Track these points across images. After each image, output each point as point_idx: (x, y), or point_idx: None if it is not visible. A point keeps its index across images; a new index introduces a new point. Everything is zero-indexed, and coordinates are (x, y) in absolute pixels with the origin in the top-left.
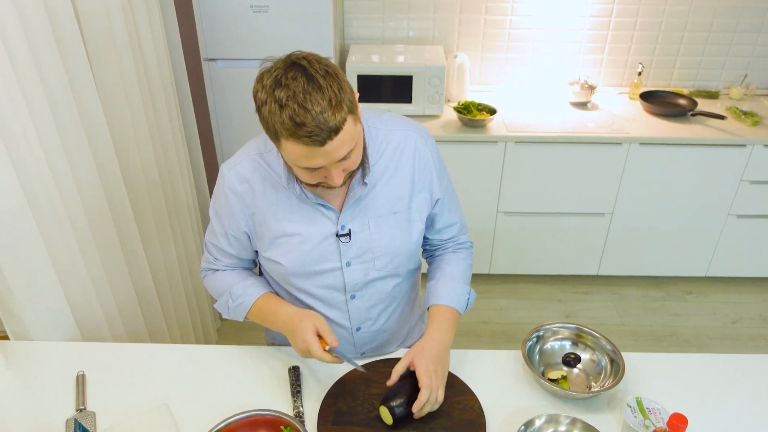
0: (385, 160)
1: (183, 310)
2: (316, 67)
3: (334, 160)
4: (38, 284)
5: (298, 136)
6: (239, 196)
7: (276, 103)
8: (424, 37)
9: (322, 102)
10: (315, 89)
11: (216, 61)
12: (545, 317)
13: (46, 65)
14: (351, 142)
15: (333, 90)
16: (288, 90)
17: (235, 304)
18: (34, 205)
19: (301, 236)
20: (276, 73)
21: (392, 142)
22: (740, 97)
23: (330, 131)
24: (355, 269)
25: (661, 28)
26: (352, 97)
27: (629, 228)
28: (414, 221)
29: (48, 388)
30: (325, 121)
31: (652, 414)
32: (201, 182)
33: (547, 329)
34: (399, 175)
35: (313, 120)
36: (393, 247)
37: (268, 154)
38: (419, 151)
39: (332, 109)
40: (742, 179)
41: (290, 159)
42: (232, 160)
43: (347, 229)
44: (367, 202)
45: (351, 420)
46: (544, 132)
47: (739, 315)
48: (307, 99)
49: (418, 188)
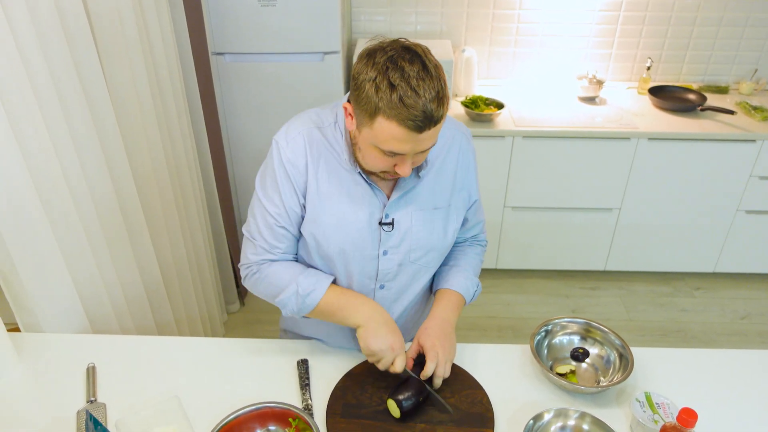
0: (432, 156)
1: (191, 304)
2: (430, 58)
3: (419, 149)
4: (49, 277)
5: (402, 117)
6: (297, 168)
7: (387, 81)
8: (431, 31)
9: (432, 92)
10: (428, 78)
11: (224, 55)
12: (552, 312)
13: (56, 60)
14: (438, 137)
15: (440, 82)
16: (403, 72)
17: (306, 292)
18: (45, 199)
19: (346, 218)
20: (391, 53)
21: (441, 139)
22: (750, 92)
23: (431, 121)
24: (391, 258)
25: (671, 23)
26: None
27: (637, 223)
28: (452, 219)
29: (59, 379)
30: (431, 110)
31: (661, 409)
32: (209, 176)
33: (555, 324)
34: (443, 172)
35: (422, 106)
36: (430, 242)
37: (325, 130)
38: (463, 152)
39: (438, 101)
40: (751, 175)
41: (378, 139)
42: (287, 132)
43: (391, 218)
44: (414, 194)
45: (359, 413)
46: (552, 127)
47: (748, 311)
48: (420, 85)
49: (459, 187)
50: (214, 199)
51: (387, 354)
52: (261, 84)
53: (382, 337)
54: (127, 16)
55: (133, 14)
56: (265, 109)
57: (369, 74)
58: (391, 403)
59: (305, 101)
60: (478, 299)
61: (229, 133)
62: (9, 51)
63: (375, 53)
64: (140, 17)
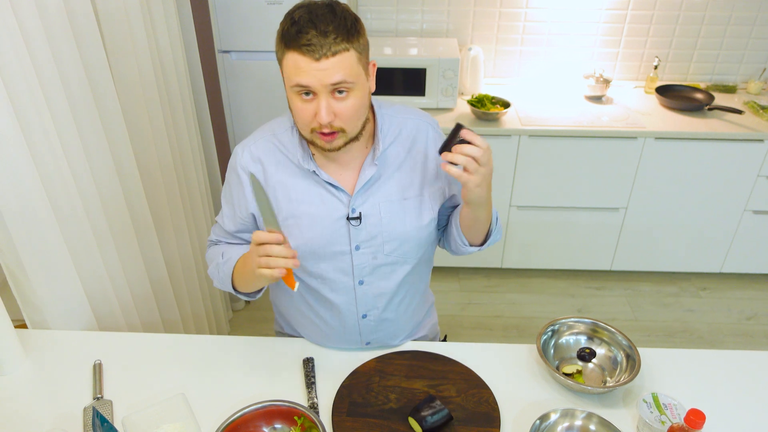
0: (397, 147)
1: (196, 301)
2: (343, 7)
3: (324, 82)
4: (56, 274)
5: (299, 45)
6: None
7: (290, 19)
8: (437, 29)
9: (331, 25)
10: (330, 13)
11: (230, 53)
12: (558, 312)
13: (64, 58)
14: (348, 74)
15: (346, 20)
16: (306, 10)
17: (224, 260)
18: (53, 197)
19: (311, 217)
20: (305, 3)
21: (405, 129)
22: (758, 92)
23: (328, 50)
24: (364, 253)
25: (679, 22)
26: (365, 45)
27: (643, 223)
28: (425, 208)
29: (65, 376)
30: (328, 40)
31: (669, 410)
32: (214, 174)
33: (562, 323)
34: (410, 161)
35: (316, 33)
36: (403, 232)
37: (281, 134)
38: (432, 141)
39: (338, 34)
40: (759, 174)
41: (288, 78)
42: (245, 140)
43: (358, 212)
44: (378, 186)
45: (365, 411)
46: (559, 126)
47: (754, 311)
48: (319, 17)
49: (431, 178)
50: (219, 196)
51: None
52: (267, 82)
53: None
54: (134, 14)
55: (140, 13)
56: (271, 107)
57: (281, 23)
58: (412, 421)
59: None
60: (483, 297)
61: (235, 131)
62: (18, 50)
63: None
64: (147, 16)
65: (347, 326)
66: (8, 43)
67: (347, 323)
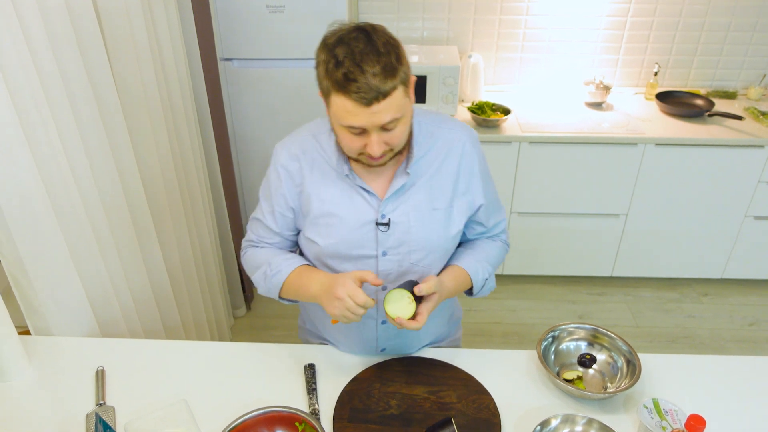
0: (431, 157)
1: (198, 308)
2: (379, 35)
3: (376, 123)
4: (59, 281)
5: (349, 92)
6: (290, 173)
7: (333, 59)
8: (438, 37)
9: (377, 66)
10: (373, 52)
11: (232, 60)
12: (558, 318)
13: (67, 65)
14: (397, 111)
15: (390, 57)
16: (348, 48)
17: (274, 272)
18: (56, 203)
19: (340, 218)
20: (340, 33)
21: (440, 140)
22: (758, 98)
23: (379, 93)
24: (390, 259)
25: (679, 28)
26: (407, 72)
27: (644, 229)
28: (453, 220)
29: (68, 382)
30: (376, 83)
31: (669, 415)
32: (216, 181)
33: (562, 329)
34: (443, 173)
35: (365, 79)
36: (430, 242)
37: (320, 136)
38: (467, 155)
39: (385, 74)
40: (759, 180)
41: (337, 116)
42: (285, 139)
43: (387, 218)
44: (410, 194)
45: (366, 417)
46: (559, 132)
47: (756, 317)
48: (363, 59)
49: (461, 191)
50: (221, 204)
51: (346, 312)
52: (268, 89)
53: (337, 290)
54: (136, 21)
55: (143, 19)
56: (272, 115)
57: (321, 57)
58: None
59: (312, 107)
60: (483, 304)
61: (237, 138)
62: (22, 56)
63: (327, 37)
64: (150, 23)
65: (365, 331)
66: (11, 47)
67: (365, 328)
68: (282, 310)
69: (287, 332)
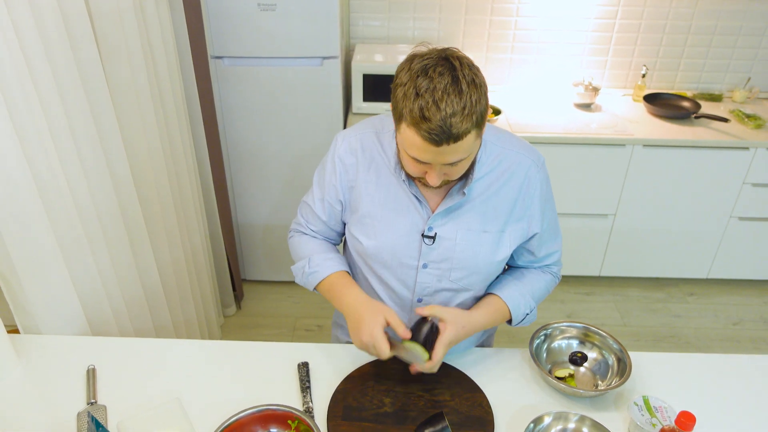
0: (491, 177)
1: (188, 307)
2: (465, 72)
3: (441, 162)
4: (49, 279)
5: (420, 128)
6: (345, 166)
7: (414, 89)
8: (428, 37)
9: (456, 106)
10: (455, 92)
11: (223, 59)
12: (547, 317)
13: (58, 62)
14: (465, 153)
15: (471, 99)
16: (431, 82)
17: (311, 271)
18: (46, 201)
19: (388, 222)
20: (427, 61)
21: (504, 162)
22: (743, 100)
23: (450, 137)
24: (430, 272)
25: (666, 31)
26: (484, 112)
27: (632, 229)
28: (503, 245)
29: (58, 381)
30: (450, 125)
31: (659, 412)
32: (207, 179)
33: (554, 328)
34: (501, 196)
35: (440, 120)
36: (473, 264)
37: (383, 135)
38: (530, 180)
39: (462, 117)
40: (744, 182)
41: (403, 144)
42: (347, 131)
43: (434, 232)
44: (462, 212)
45: (360, 416)
46: (548, 133)
47: (740, 317)
48: (443, 98)
49: (517, 216)
50: (212, 202)
51: (370, 348)
52: (259, 88)
53: (362, 331)
54: (128, 18)
55: (134, 17)
56: (263, 113)
57: (402, 79)
58: None
59: (303, 106)
60: None
61: (227, 137)
62: (14, 54)
63: (414, 59)
64: (141, 20)
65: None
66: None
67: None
68: (272, 308)
69: (277, 331)
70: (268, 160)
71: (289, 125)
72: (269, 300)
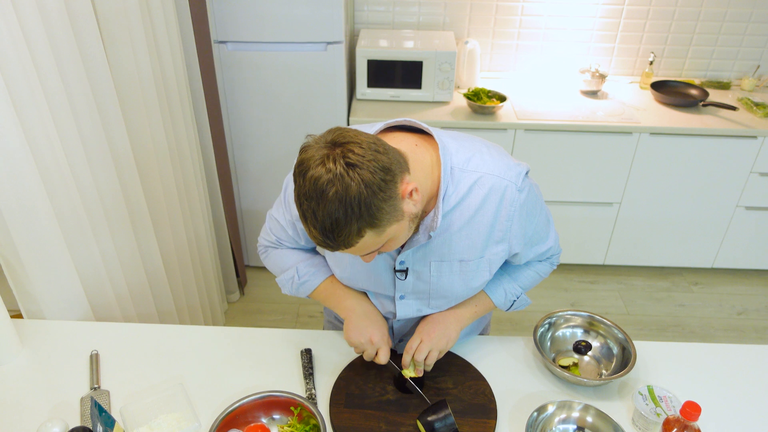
0: (462, 207)
1: (192, 292)
2: (349, 177)
3: (358, 254)
4: (52, 264)
5: (311, 233)
6: None
7: (299, 205)
8: (434, 22)
9: (326, 220)
10: (333, 229)
11: (226, 43)
12: (551, 306)
13: (61, 46)
14: (373, 247)
15: (351, 233)
16: (312, 212)
17: (302, 280)
18: (49, 186)
19: (355, 261)
20: (310, 162)
21: (476, 188)
22: (752, 88)
23: (341, 245)
24: (409, 303)
25: (674, 17)
26: (379, 210)
27: (637, 218)
28: (481, 270)
29: (62, 366)
30: (334, 239)
31: (664, 402)
32: (210, 165)
33: (559, 316)
34: (476, 223)
35: (321, 233)
36: (451, 292)
37: None
38: (507, 202)
39: (333, 230)
40: (752, 171)
41: None
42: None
43: (405, 266)
44: (434, 246)
45: (362, 403)
46: (554, 120)
47: (745, 306)
48: (326, 229)
49: (496, 239)
50: (215, 188)
51: (367, 347)
52: (263, 73)
53: (361, 329)
54: (131, 2)
55: (138, 3)
56: (267, 98)
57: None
58: (419, 423)
59: (307, 91)
60: None
61: (231, 122)
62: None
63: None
64: (144, 5)
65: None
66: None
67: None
68: (276, 295)
69: (280, 317)
70: (271, 145)
71: (293, 110)
72: (273, 286)
